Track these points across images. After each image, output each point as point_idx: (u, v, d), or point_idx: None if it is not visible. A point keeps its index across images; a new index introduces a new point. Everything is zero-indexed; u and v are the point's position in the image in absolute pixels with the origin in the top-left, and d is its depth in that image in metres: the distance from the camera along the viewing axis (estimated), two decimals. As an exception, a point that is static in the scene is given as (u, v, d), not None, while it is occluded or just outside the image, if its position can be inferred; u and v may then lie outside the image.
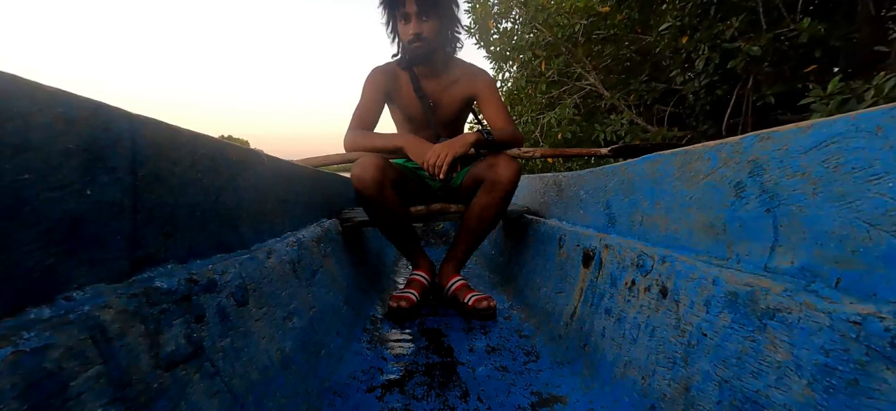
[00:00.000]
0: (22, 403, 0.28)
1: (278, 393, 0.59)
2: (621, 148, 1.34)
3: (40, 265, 0.34)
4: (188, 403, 0.42)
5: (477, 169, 1.28)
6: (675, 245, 0.68)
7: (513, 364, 0.87)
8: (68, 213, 0.36)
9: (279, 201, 0.88)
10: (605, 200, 0.97)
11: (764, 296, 0.46)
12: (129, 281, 0.43)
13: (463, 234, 1.29)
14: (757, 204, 0.52)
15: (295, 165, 1.04)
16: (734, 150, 0.56)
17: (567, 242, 1.06)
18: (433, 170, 1.13)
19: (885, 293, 0.37)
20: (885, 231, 0.37)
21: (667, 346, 0.59)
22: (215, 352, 0.49)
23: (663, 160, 0.73)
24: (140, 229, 0.45)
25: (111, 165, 0.41)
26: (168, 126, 0.51)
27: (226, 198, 0.63)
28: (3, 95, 0.31)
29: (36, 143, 0.34)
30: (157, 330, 0.41)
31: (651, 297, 0.66)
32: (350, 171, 1.18)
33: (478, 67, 1.42)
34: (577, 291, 0.93)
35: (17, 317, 0.31)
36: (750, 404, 0.44)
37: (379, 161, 1.15)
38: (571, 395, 0.74)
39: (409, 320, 1.14)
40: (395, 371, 0.84)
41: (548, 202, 1.43)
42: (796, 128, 0.47)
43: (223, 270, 0.56)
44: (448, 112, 1.40)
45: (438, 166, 1.12)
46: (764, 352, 0.44)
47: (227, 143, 0.66)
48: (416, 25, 1.24)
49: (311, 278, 0.88)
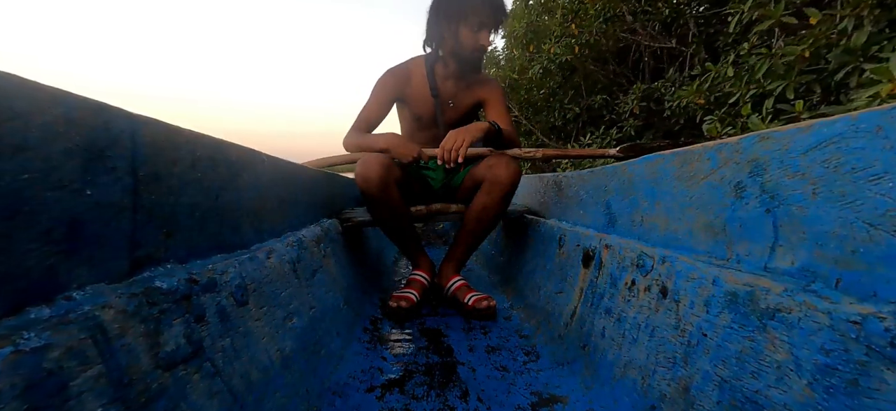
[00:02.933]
0: (22, 403, 0.28)
1: (278, 393, 0.59)
2: (631, 146, 1.35)
3: (40, 265, 0.34)
4: (188, 403, 0.42)
5: (477, 169, 1.29)
6: (675, 245, 0.68)
7: (513, 364, 0.87)
8: (68, 213, 0.36)
9: (279, 201, 0.88)
10: (605, 200, 0.97)
11: (764, 296, 0.46)
12: (129, 281, 0.43)
13: (463, 235, 1.29)
14: (757, 204, 0.52)
15: (295, 165, 1.04)
16: (734, 150, 0.56)
17: (567, 242, 1.06)
18: (450, 156, 1.14)
19: (885, 293, 0.37)
20: (885, 231, 0.37)
21: (667, 346, 0.59)
22: (215, 352, 0.49)
23: (663, 160, 0.73)
24: (140, 229, 0.45)
25: (111, 165, 0.41)
26: (168, 126, 0.51)
27: (226, 198, 0.63)
28: (3, 95, 0.31)
29: (36, 143, 0.34)
30: (157, 330, 0.41)
31: (651, 297, 0.66)
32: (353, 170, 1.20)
33: (489, 77, 1.48)
34: (577, 291, 0.93)
35: (17, 317, 0.31)
36: (750, 404, 0.44)
37: (383, 160, 1.16)
38: (571, 395, 0.74)
39: (408, 320, 1.14)
40: (394, 371, 0.84)
41: (548, 202, 1.43)
42: (796, 128, 0.47)
43: (223, 270, 0.56)
44: (459, 113, 1.43)
45: (456, 150, 1.13)
46: (764, 352, 0.44)
47: (228, 143, 0.66)
48: (488, 37, 1.30)
49: (311, 278, 0.88)
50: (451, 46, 1.33)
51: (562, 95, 3.57)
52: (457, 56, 1.33)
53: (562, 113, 3.55)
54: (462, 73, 1.38)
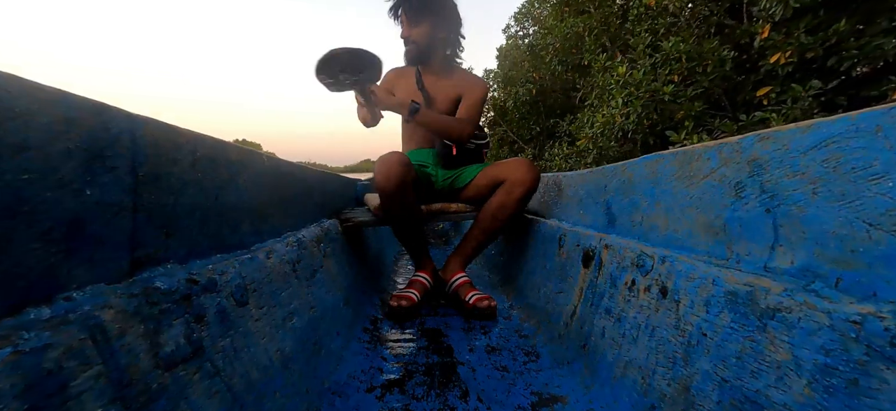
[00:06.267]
0: (22, 403, 0.28)
1: (278, 393, 0.59)
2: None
3: (40, 265, 0.34)
4: (188, 403, 0.42)
5: (496, 170, 1.31)
6: (675, 245, 0.68)
7: (513, 364, 0.87)
8: (68, 213, 0.36)
9: (279, 201, 0.88)
10: (604, 200, 0.97)
11: (764, 296, 0.46)
12: (129, 281, 0.43)
13: (475, 232, 1.31)
14: (757, 204, 0.52)
15: (295, 165, 1.04)
16: (734, 150, 0.56)
17: (567, 242, 1.06)
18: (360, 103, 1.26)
19: (885, 293, 0.37)
20: (885, 231, 0.37)
21: (667, 346, 0.59)
22: (215, 352, 0.49)
23: (663, 160, 0.73)
24: (140, 229, 0.45)
25: (111, 165, 0.41)
26: (168, 126, 0.51)
27: (226, 198, 0.63)
28: (3, 95, 0.31)
29: (36, 143, 0.34)
30: (156, 330, 0.41)
31: (651, 297, 0.66)
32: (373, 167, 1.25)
33: (477, 77, 1.50)
34: (577, 291, 0.93)
35: (17, 317, 0.31)
36: (750, 404, 0.44)
37: (404, 159, 1.16)
38: (571, 395, 0.74)
39: (409, 319, 1.14)
40: (395, 371, 0.84)
41: (548, 202, 1.43)
42: (796, 128, 0.47)
43: (223, 270, 0.56)
44: (442, 108, 1.46)
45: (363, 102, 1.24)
46: (764, 352, 0.44)
47: (228, 143, 0.66)
48: (407, 30, 1.39)
49: (310, 278, 0.88)
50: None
51: (529, 118, 5.59)
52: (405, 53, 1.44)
53: (529, 130, 5.59)
54: (433, 69, 1.46)
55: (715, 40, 2.61)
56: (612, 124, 3.10)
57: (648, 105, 2.83)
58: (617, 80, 3.02)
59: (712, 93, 2.72)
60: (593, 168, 1.11)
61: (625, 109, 2.98)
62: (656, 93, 2.76)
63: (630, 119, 2.94)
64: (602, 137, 3.28)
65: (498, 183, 1.29)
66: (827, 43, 2.00)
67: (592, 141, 3.40)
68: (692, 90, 2.68)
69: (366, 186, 1.97)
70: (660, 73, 2.80)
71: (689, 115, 2.66)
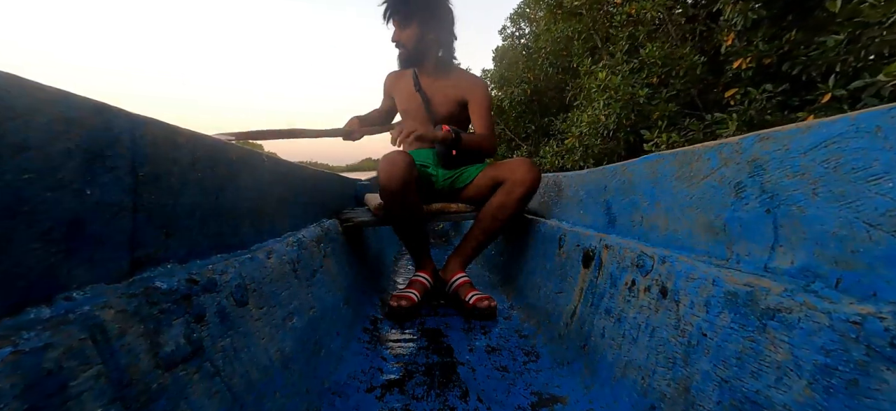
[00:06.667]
0: (22, 403, 0.28)
1: (278, 393, 0.59)
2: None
3: (40, 265, 0.34)
4: (188, 403, 0.42)
5: (496, 170, 1.32)
6: (674, 245, 0.68)
7: (513, 364, 0.87)
8: (68, 213, 0.36)
9: (279, 201, 0.88)
10: (604, 200, 0.97)
11: (764, 296, 0.46)
12: (129, 281, 0.43)
13: (475, 232, 1.31)
14: (757, 204, 0.52)
15: (295, 165, 1.04)
16: (734, 150, 0.56)
17: (567, 242, 1.06)
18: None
19: (885, 293, 0.37)
20: (885, 231, 0.37)
21: (667, 346, 0.59)
22: (215, 352, 0.49)
23: (663, 160, 0.73)
24: (140, 229, 0.45)
25: (111, 165, 0.41)
26: (168, 126, 0.51)
27: (226, 198, 0.63)
28: (3, 95, 0.31)
29: (36, 143, 0.34)
30: (156, 330, 0.41)
31: (651, 297, 0.66)
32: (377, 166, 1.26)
33: (477, 77, 1.50)
34: (576, 291, 0.93)
35: (17, 317, 0.31)
36: (750, 404, 0.44)
37: (408, 158, 1.16)
38: (571, 395, 0.74)
39: (408, 319, 1.14)
40: (394, 371, 0.84)
41: (548, 202, 1.43)
42: (796, 128, 0.47)
43: (223, 270, 0.56)
44: (442, 110, 1.46)
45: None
46: (764, 352, 0.44)
47: (227, 143, 0.66)
48: (397, 33, 1.40)
49: (310, 278, 0.88)
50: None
51: (525, 117, 5.84)
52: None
53: (525, 128, 5.85)
54: (428, 71, 1.46)
55: (687, 46, 2.91)
56: (598, 124, 3.40)
57: (627, 106, 3.13)
58: (597, 85, 3.30)
59: (686, 94, 3.03)
60: (591, 167, 1.11)
61: (606, 110, 3.27)
62: (634, 95, 3.05)
63: (610, 119, 3.25)
64: (588, 136, 3.55)
65: (498, 183, 1.29)
66: (781, 50, 2.27)
67: (579, 139, 3.70)
68: (667, 92, 2.98)
69: (366, 186, 1.98)
70: (637, 77, 3.10)
71: (663, 116, 2.94)
